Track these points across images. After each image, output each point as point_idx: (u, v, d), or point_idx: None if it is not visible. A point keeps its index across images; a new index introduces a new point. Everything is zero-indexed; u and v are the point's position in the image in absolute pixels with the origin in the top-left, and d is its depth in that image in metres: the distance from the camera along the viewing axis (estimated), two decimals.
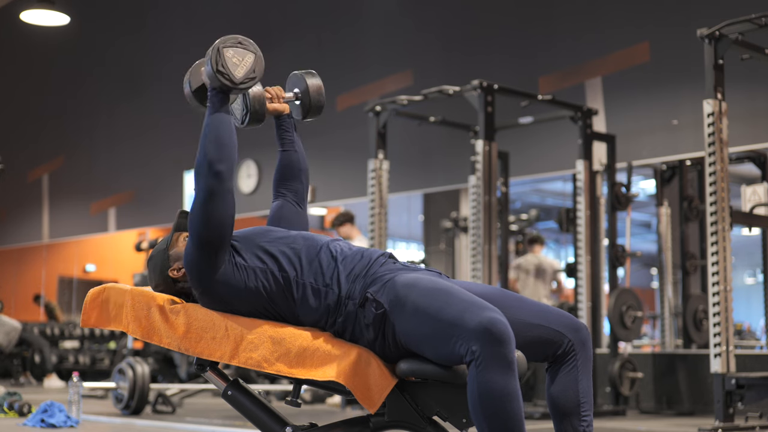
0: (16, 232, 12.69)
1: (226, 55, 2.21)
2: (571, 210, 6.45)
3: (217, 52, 2.21)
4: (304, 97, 2.55)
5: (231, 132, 2.25)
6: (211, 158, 2.20)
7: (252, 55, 2.24)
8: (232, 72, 2.20)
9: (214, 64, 2.20)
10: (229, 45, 2.22)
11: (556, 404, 2.19)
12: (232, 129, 2.26)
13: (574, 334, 2.20)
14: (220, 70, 2.20)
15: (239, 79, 2.21)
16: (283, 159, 2.60)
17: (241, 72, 2.21)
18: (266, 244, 2.28)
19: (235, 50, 2.22)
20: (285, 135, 2.60)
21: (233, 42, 2.23)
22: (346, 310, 2.19)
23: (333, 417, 5.41)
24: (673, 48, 6.60)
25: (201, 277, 2.23)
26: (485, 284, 2.36)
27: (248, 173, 9.55)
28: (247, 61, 2.23)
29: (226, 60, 2.20)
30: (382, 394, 2.14)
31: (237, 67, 2.21)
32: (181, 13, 10.66)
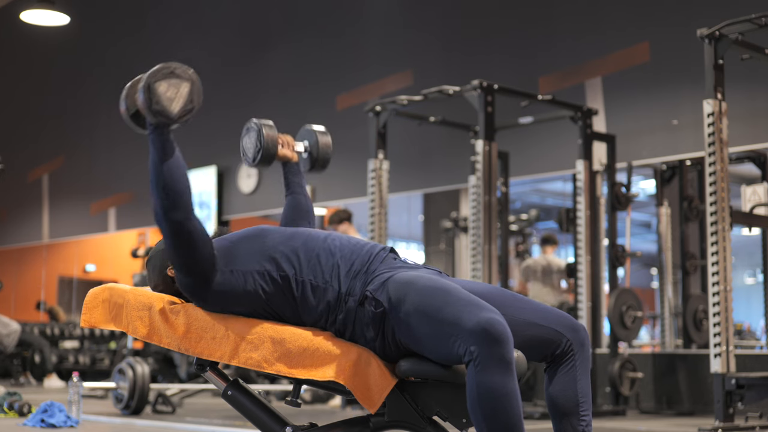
0: (16, 232, 12.69)
1: (159, 90, 2.05)
2: (571, 210, 6.45)
3: (147, 89, 2.05)
4: (313, 151, 2.62)
5: (179, 174, 2.12)
6: (165, 207, 2.13)
7: (187, 84, 2.10)
8: (168, 108, 2.06)
9: (147, 102, 2.05)
10: (160, 78, 2.06)
11: (555, 404, 2.19)
12: (180, 167, 2.13)
13: (573, 334, 2.20)
14: (155, 108, 2.06)
15: (176, 114, 2.08)
16: (291, 202, 2.66)
17: (177, 106, 2.07)
18: (263, 245, 2.27)
19: (169, 82, 2.07)
20: (293, 179, 2.67)
21: (165, 74, 2.07)
22: (346, 306, 2.18)
23: (333, 417, 5.41)
24: (673, 48, 6.60)
25: (196, 294, 2.25)
26: (484, 283, 2.35)
27: (248, 173, 9.55)
28: (182, 92, 2.08)
29: (159, 96, 2.05)
30: (382, 394, 2.14)
31: (172, 101, 2.06)
32: (181, 14, 10.66)
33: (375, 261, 2.23)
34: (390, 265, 2.23)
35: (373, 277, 2.19)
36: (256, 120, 2.51)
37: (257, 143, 2.48)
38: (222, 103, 9.97)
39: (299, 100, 9.18)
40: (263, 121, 2.55)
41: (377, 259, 2.24)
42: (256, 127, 2.51)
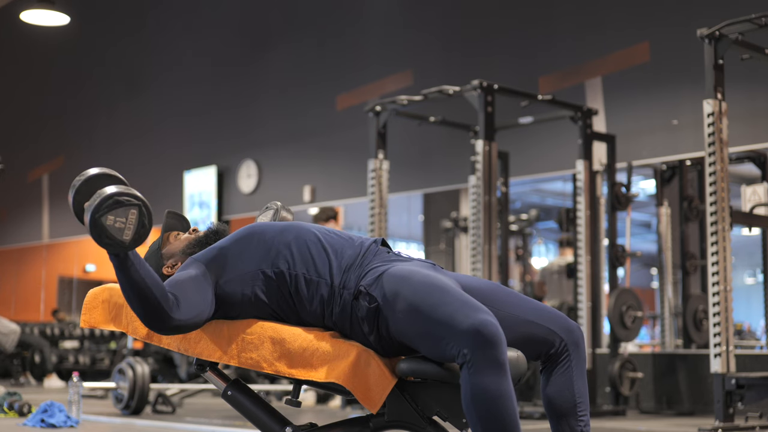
0: (16, 232, 12.70)
1: (107, 225, 1.94)
2: (571, 210, 6.45)
3: (94, 224, 1.93)
4: None
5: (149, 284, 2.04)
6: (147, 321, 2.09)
7: (135, 210, 1.97)
8: (119, 239, 1.96)
9: (96, 236, 1.95)
10: (105, 211, 1.94)
11: (552, 405, 2.19)
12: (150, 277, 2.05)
13: (568, 334, 2.20)
14: (106, 242, 1.95)
15: (129, 242, 1.97)
16: None
17: (129, 234, 1.96)
18: (256, 245, 2.26)
19: (115, 214, 1.95)
20: None
21: (110, 204, 1.95)
22: (341, 300, 2.18)
23: (333, 417, 5.41)
24: (673, 48, 6.60)
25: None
26: (480, 278, 2.34)
27: (248, 173, 9.55)
28: (131, 219, 1.96)
29: (107, 229, 1.94)
30: (383, 394, 2.13)
31: (122, 231, 1.96)
32: (181, 14, 10.66)
33: (368, 254, 2.23)
34: (383, 259, 2.23)
35: (367, 271, 2.18)
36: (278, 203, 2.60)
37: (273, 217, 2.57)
38: (222, 103, 9.98)
39: (299, 100, 9.18)
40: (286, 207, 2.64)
41: (370, 252, 2.24)
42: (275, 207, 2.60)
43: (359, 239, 2.29)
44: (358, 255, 2.22)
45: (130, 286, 2.04)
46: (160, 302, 2.05)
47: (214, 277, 2.21)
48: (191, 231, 2.44)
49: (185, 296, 2.12)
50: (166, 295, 2.07)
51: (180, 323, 2.10)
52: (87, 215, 1.95)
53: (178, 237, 2.43)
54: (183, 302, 2.10)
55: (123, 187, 1.99)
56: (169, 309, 2.07)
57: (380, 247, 2.28)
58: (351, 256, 2.22)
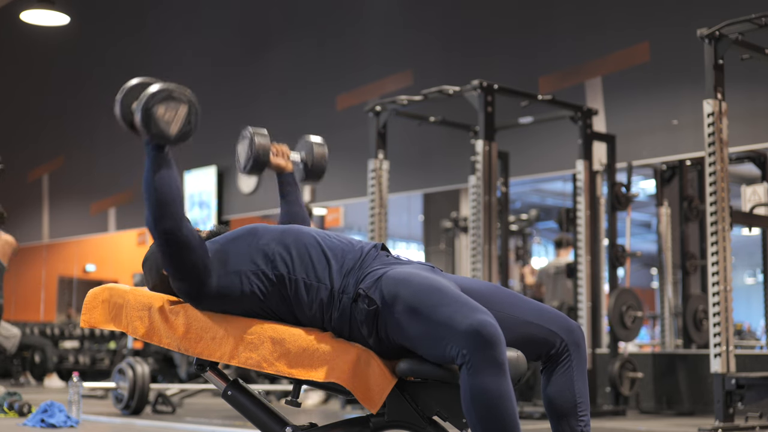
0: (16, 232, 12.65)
1: (157, 114, 2.08)
2: (571, 210, 6.45)
3: (146, 113, 2.07)
4: (308, 161, 2.63)
5: (171, 185, 2.14)
6: (155, 218, 2.14)
7: (185, 106, 2.12)
8: (166, 131, 2.09)
9: (145, 125, 2.08)
10: (158, 101, 2.08)
11: (553, 405, 2.19)
12: (173, 179, 2.15)
13: (568, 335, 2.20)
14: (153, 131, 2.09)
15: (175, 136, 2.11)
16: (287, 213, 2.66)
17: (176, 128, 2.10)
18: (256, 244, 2.26)
19: (167, 105, 2.09)
20: (288, 190, 2.66)
21: (163, 96, 2.09)
22: (341, 305, 2.18)
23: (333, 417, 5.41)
24: (673, 48, 6.60)
25: (192, 297, 2.25)
26: (479, 279, 2.35)
27: None
28: (180, 114, 2.10)
29: (157, 120, 2.08)
30: (383, 394, 2.13)
31: (170, 124, 2.09)
32: (181, 14, 10.66)
33: (367, 258, 2.23)
34: (382, 262, 2.23)
35: (366, 274, 2.18)
36: (251, 128, 2.54)
37: (249, 151, 2.50)
38: (222, 103, 9.97)
39: (299, 100, 9.18)
40: (257, 129, 2.56)
41: (369, 256, 2.24)
42: (248, 135, 2.53)
43: (359, 243, 2.29)
44: (357, 259, 2.22)
45: (156, 181, 2.12)
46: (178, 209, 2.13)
47: (216, 265, 2.23)
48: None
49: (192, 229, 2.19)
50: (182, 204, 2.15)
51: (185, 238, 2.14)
52: (138, 108, 2.07)
53: None
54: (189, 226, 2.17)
55: (176, 85, 2.11)
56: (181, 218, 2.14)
57: (380, 251, 2.28)
58: (350, 260, 2.22)
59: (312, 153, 2.63)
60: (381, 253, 2.27)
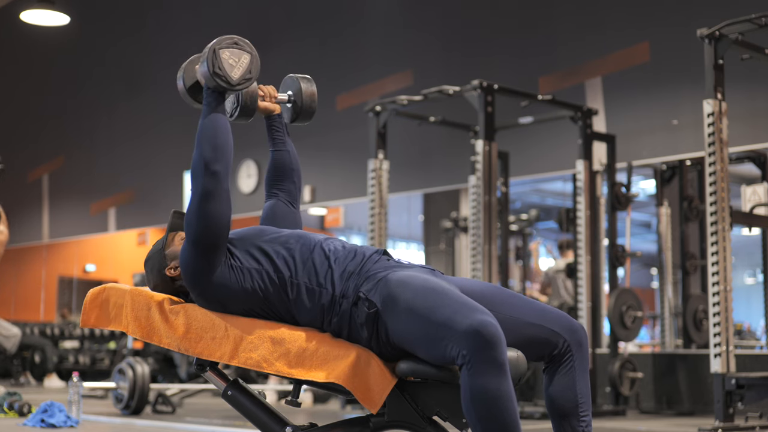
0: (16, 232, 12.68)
1: (222, 57, 2.20)
2: (571, 210, 6.45)
3: (213, 53, 2.20)
4: (297, 100, 2.55)
5: (227, 133, 2.25)
6: (207, 159, 2.19)
7: (248, 56, 2.24)
8: (229, 73, 2.21)
9: (210, 65, 2.20)
10: (224, 46, 2.21)
11: (554, 405, 2.19)
12: (228, 130, 2.26)
13: (571, 335, 2.19)
14: (217, 72, 2.20)
15: (236, 80, 2.22)
16: (275, 159, 2.58)
17: (237, 73, 2.22)
18: (262, 244, 2.27)
19: (231, 51, 2.22)
20: (276, 135, 2.59)
21: (229, 42, 2.22)
22: (340, 309, 2.18)
23: (333, 417, 5.41)
24: (673, 48, 6.60)
25: (197, 277, 2.22)
26: (480, 281, 2.34)
27: (248, 173, 9.55)
28: (243, 61, 2.23)
29: (222, 61, 2.20)
30: (383, 394, 2.13)
31: (233, 68, 2.21)
32: (181, 13, 10.66)
33: (368, 263, 2.23)
34: (383, 266, 2.23)
35: (367, 278, 2.18)
36: None
37: (234, 100, 2.46)
38: None
39: None
40: None
41: (370, 261, 2.23)
42: None
43: (361, 249, 2.29)
44: (358, 264, 2.22)
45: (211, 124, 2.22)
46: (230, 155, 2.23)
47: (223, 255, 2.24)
48: None
49: None
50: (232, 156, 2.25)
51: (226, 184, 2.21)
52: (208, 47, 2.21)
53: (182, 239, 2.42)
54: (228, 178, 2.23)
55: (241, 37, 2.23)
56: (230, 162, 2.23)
57: (382, 256, 2.28)
58: (352, 265, 2.22)
59: (300, 92, 2.55)
60: (382, 257, 2.27)
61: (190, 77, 2.39)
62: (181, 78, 2.40)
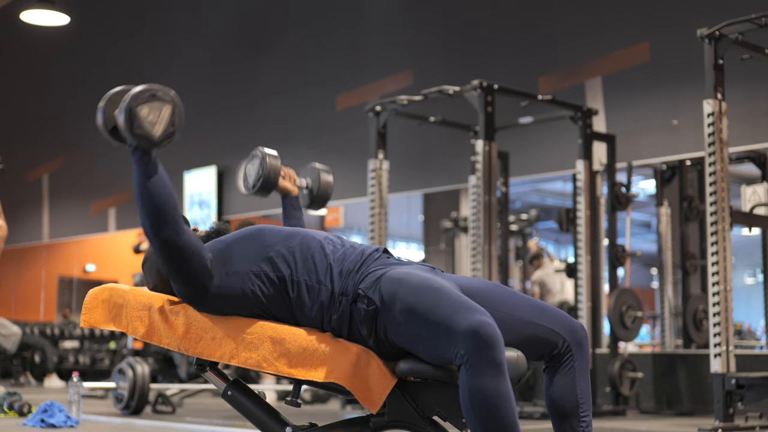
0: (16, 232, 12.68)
1: (141, 115, 2.03)
2: (571, 210, 6.45)
3: (129, 113, 2.03)
4: (313, 189, 2.69)
5: (164, 192, 2.11)
6: (154, 227, 2.11)
7: (169, 107, 2.07)
8: (150, 132, 2.05)
9: (128, 126, 2.03)
10: (142, 102, 2.04)
11: (555, 405, 2.19)
12: (164, 184, 2.11)
13: (571, 335, 2.19)
14: (137, 132, 2.04)
15: (158, 138, 2.06)
16: None
17: (159, 129, 2.06)
18: (260, 245, 2.26)
19: (150, 106, 2.05)
20: (293, 213, 2.71)
21: (146, 97, 2.05)
22: (340, 307, 2.18)
23: (333, 417, 5.41)
24: (673, 48, 6.60)
25: (193, 300, 2.24)
26: (481, 279, 2.34)
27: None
28: (164, 115, 2.06)
29: (141, 120, 2.03)
30: (383, 394, 2.13)
31: (154, 125, 2.05)
32: (181, 13, 10.66)
33: (368, 260, 2.23)
34: (382, 263, 2.22)
35: (366, 275, 2.18)
36: (263, 148, 2.57)
37: (259, 170, 2.51)
38: (222, 103, 9.97)
39: (299, 100, 9.18)
40: (269, 150, 2.58)
41: (370, 259, 2.23)
42: (260, 154, 2.55)
43: (361, 246, 2.28)
44: (357, 261, 2.22)
45: (148, 189, 2.09)
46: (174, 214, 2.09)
47: (217, 266, 2.22)
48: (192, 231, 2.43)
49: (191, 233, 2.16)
50: (177, 207, 2.11)
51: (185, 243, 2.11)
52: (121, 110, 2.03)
53: None
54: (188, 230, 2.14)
55: (159, 85, 2.07)
56: (179, 223, 2.11)
57: (381, 254, 2.28)
58: (351, 263, 2.22)
59: (318, 180, 2.68)
60: (382, 255, 2.27)
61: (111, 119, 2.17)
62: (101, 115, 2.18)
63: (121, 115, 2.04)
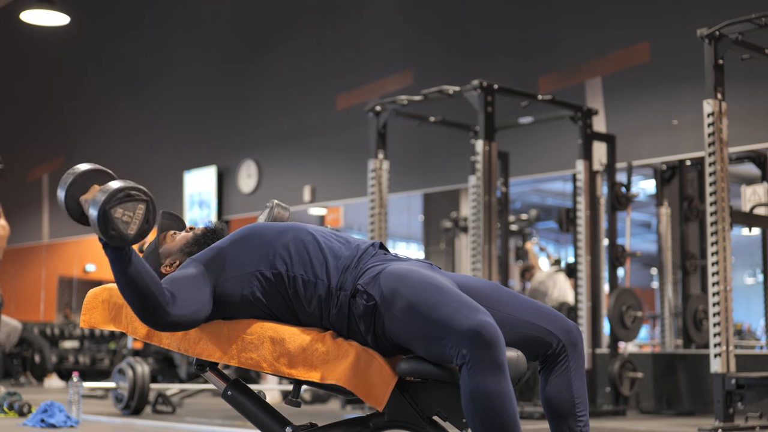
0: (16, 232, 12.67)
1: (115, 216, 2.00)
2: (571, 210, 6.45)
3: (104, 216, 1.99)
4: None
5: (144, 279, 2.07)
6: (142, 314, 2.10)
7: (143, 205, 2.03)
8: (125, 232, 2.01)
9: (103, 228, 1.99)
10: (115, 203, 2.00)
11: (551, 406, 2.19)
12: (142, 273, 2.07)
13: (565, 335, 2.20)
14: (111, 234, 2.00)
15: (132, 237, 2.02)
16: None
17: (134, 229, 2.02)
18: (255, 246, 2.26)
19: (124, 207, 2.01)
20: None
21: (120, 197, 2.01)
22: (338, 302, 2.18)
23: (333, 417, 5.41)
24: (673, 48, 6.60)
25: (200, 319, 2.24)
26: (478, 278, 2.34)
27: (248, 173, 9.55)
28: (138, 214, 2.02)
29: (115, 222, 2.00)
30: (387, 391, 2.13)
31: (129, 225, 2.01)
32: (181, 14, 10.66)
33: (365, 255, 2.23)
34: (380, 259, 2.23)
35: (364, 271, 2.18)
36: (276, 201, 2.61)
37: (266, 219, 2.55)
38: (222, 103, 9.97)
39: (299, 100, 9.18)
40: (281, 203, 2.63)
41: (367, 254, 2.23)
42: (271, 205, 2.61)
43: (356, 241, 2.29)
44: (354, 256, 2.22)
45: (126, 281, 2.05)
46: (157, 297, 2.07)
47: (213, 277, 2.22)
48: (188, 229, 2.44)
49: (182, 293, 2.13)
50: (163, 290, 2.09)
51: (177, 319, 2.11)
52: (94, 208, 2.00)
53: (175, 236, 2.42)
54: (179, 298, 2.12)
55: (131, 182, 2.04)
56: (165, 304, 2.08)
57: (378, 249, 2.28)
58: (348, 258, 2.22)
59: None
60: (379, 251, 2.27)
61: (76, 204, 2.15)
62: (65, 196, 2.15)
63: (93, 213, 2.00)
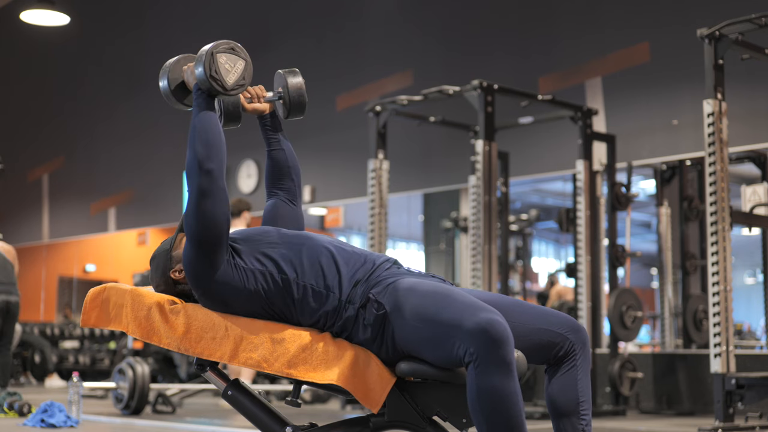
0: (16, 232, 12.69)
1: (220, 61, 2.22)
2: (571, 210, 6.45)
3: (211, 56, 2.21)
4: (285, 96, 2.52)
5: (219, 131, 2.24)
6: (201, 158, 2.18)
7: (243, 62, 2.26)
8: (225, 78, 2.23)
9: (207, 68, 2.21)
10: (222, 50, 2.23)
11: (555, 404, 2.19)
12: (220, 128, 2.26)
13: (575, 335, 2.20)
14: (213, 75, 2.21)
15: (231, 85, 2.24)
16: (271, 158, 2.56)
17: (232, 78, 2.24)
18: (266, 246, 2.27)
19: (228, 56, 2.24)
20: (270, 134, 2.56)
21: (226, 47, 2.24)
22: (345, 314, 2.19)
23: (333, 417, 5.41)
24: (673, 48, 6.61)
25: (199, 277, 2.22)
26: (486, 291, 2.35)
27: (248, 173, 9.55)
28: (238, 67, 2.25)
29: (219, 66, 2.22)
30: (383, 393, 2.14)
31: (229, 73, 2.23)
32: (180, 13, 10.66)
33: (378, 270, 2.23)
34: (394, 273, 2.23)
35: (376, 282, 2.19)
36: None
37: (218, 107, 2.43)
38: None
39: None
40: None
41: (381, 268, 2.24)
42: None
43: (372, 255, 2.29)
44: (368, 270, 2.23)
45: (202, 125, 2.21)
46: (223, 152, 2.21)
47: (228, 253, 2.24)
48: None
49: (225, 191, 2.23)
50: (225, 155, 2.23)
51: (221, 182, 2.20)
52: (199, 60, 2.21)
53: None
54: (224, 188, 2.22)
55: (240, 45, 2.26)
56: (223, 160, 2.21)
57: (392, 265, 2.28)
58: (361, 272, 2.22)
59: (286, 86, 2.51)
60: (393, 266, 2.28)
61: (175, 78, 2.38)
62: (165, 77, 2.38)
63: (199, 62, 2.22)
